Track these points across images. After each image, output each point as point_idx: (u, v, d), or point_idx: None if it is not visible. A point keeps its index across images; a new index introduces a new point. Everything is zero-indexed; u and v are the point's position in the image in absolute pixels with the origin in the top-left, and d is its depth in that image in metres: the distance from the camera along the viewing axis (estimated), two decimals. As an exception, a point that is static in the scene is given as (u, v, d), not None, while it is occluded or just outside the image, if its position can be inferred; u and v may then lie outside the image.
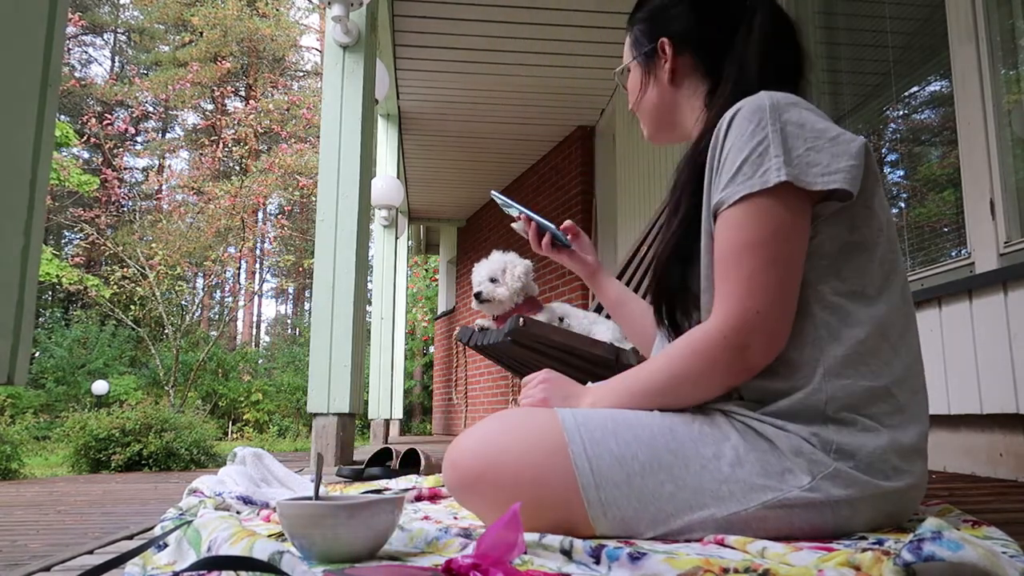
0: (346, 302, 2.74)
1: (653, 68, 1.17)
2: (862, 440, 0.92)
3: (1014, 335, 1.86)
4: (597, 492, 0.93)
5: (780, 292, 0.93)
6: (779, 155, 0.92)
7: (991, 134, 2.01)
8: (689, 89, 1.15)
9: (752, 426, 0.94)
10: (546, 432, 0.97)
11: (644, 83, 1.18)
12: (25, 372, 0.67)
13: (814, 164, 0.93)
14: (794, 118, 0.95)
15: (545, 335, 2.05)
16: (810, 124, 0.95)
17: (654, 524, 0.93)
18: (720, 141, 0.98)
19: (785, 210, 0.92)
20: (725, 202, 0.95)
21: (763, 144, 0.93)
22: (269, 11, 21.04)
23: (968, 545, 0.62)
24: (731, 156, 0.95)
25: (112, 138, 15.54)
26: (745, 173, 0.93)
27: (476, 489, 0.99)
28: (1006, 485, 1.78)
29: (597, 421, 0.97)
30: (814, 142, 0.93)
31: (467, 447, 1.01)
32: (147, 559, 0.95)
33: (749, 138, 0.94)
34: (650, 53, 1.16)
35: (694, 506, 0.91)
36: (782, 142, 0.93)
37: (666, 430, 0.95)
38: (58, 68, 0.73)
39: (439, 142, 6.65)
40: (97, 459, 7.57)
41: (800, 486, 0.90)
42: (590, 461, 0.94)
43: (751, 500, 0.91)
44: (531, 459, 0.96)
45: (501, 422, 1.04)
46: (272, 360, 19.28)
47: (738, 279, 0.93)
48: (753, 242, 0.93)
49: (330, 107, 2.90)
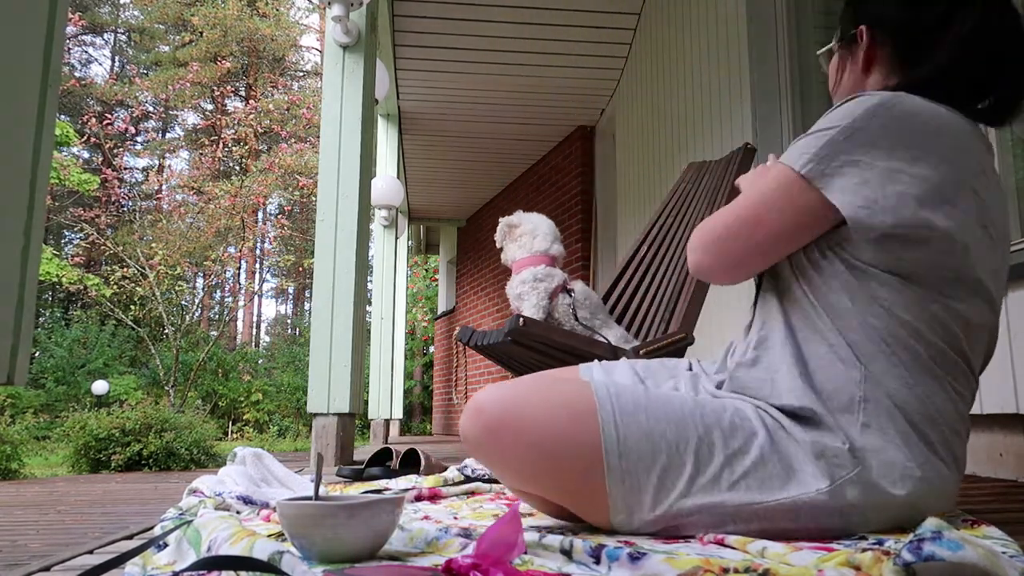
0: (346, 302, 2.74)
1: (851, 54, 1.14)
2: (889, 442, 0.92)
3: (1014, 335, 1.86)
4: (619, 460, 0.93)
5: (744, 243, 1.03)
6: (826, 149, 0.96)
7: (991, 134, 2.00)
8: (880, 80, 1.11)
9: (782, 423, 0.95)
10: (577, 395, 0.98)
11: (841, 68, 1.16)
12: (25, 372, 0.67)
13: (842, 176, 0.95)
14: (876, 127, 0.94)
15: (545, 335, 2.04)
16: (882, 146, 0.94)
17: (665, 503, 0.93)
18: (832, 109, 1.01)
19: (799, 193, 0.97)
20: (778, 159, 1.04)
21: (829, 131, 0.97)
22: (269, 11, 21.03)
23: (968, 545, 0.62)
24: (820, 122, 1.00)
25: (112, 138, 15.54)
26: (799, 145, 1.00)
27: (498, 437, 0.99)
28: (1006, 485, 1.78)
29: (630, 394, 0.98)
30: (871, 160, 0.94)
31: (495, 394, 1.01)
32: (147, 559, 0.95)
33: (830, 120, 0.98)
34: (851, 38, 1.14)
35: (709, 491, 0.92)
36: (841, 140, 0.95)
37: (697, 416, 0.96)
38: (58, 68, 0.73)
39: (439, 142, 6.65)
40: (97, 459, 7.56)
41: (818, 488, 0.91)
42: (618, 429, 0.94)
43: (766, 496, 0.91)
44: (559, 417, 0.97)
45: (533, 379, 1.05)
46: (272, 360, 19.27)
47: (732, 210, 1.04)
48: (758, 199, 1.01)
49: (330, 107, 2.90)
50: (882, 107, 0.95)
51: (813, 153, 0.96)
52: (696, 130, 3.77)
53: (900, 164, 0.93)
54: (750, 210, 1.02)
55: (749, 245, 1.02)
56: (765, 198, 1.00)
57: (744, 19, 3.27)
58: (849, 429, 0.93)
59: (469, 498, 1.57)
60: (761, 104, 3.13)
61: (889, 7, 1.09)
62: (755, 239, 1.01)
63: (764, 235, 1.00)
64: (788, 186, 0.98)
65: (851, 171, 0.94)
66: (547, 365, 2.26)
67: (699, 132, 3.72)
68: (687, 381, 1.15)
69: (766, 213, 1.00)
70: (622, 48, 4.95)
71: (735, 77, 3.33)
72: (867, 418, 0.93)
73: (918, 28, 1.05)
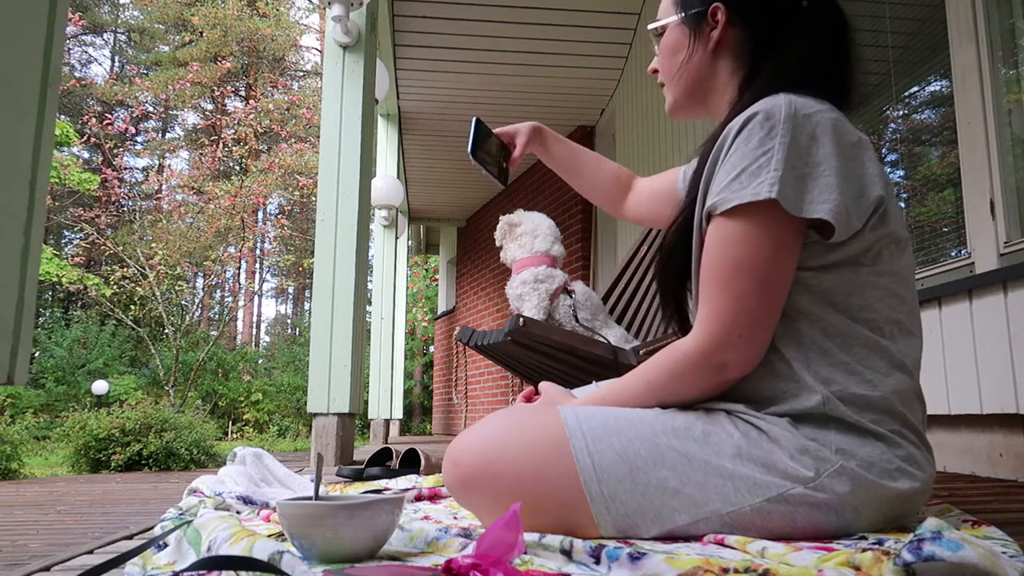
0: (346, 302, 2.74)
1: (699, 32, 1.08)
2: (863, 443, 0.92)
3: (1014, 335, 1.86)
4: (600, 487, 0.92)
5: (765, 315, 0.93)
6: (777, 170, 0.89)
7: (991, 134, 2.01)
8: (728, 66, 1.08)
9: (756, 424, 0.95)
10: (548, 429, 0.97)
11: (686, 46, 1.09)
12: (25, 372, 0.67)
13: (807, 187, 0.90)
14: (808, 131, 0.92)
15: (545, 335, 2.05)
16: (823, 146, 0.92)
17: (659, 521, 0.92)
18: (729, 141, 0.95)
19: (778, 229, 0.91)
20: (718, 207, 0.93)
21: (767, 155, 0.91)
22: (269, 11, 21.04)
23: (968, 545, 0.62)
24: (733, 159, 0.93)
25: (112, 138, 15.55)
26: (741, 182, 0.91)
27: (477, 487, 0.99)
28: (1006, 485, 1.78)
29: (599, 418, 0.97)
30: (816, 163, 0.91)
31: (468, 444, 1.01)
32: (147, 559, 0.95)
33: (757, 146, 0.91)
34: (700, 15, 1.07)
35: (699, 502, 0.91)
36: (785, 157, 0.90)
37: (668, 428, 0.95)
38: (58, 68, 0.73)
39: (439, 142, 6.65)
40: (97, 459, 7.57)
41: (804, 482, 0.90)
42: (592, 456, 0.93)
43: (756, 495, 0.91)
44: (533, 456, 0.96)
45: (502, 420, 1.03)
46: (272, 360, 19.28)
47: (726, 300, 0.93)
48: (745, 263, 0.92)
49: (330, 107, 2.90)
50: (792, 115, 0.92)
51: (769, 177, 0.89)
52: (696, 130, 3.77)
53: (838, 162, 0.92)
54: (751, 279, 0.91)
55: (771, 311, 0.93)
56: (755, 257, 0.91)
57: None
58: (825, 436, 0.93)
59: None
60: (761, 104, 3.12)
61: None
62: (771, 301, 0.93)
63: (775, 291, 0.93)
64: (766, 226, 0.91)
65: (810, 184, 0.90)
66: (547, 365, 2.26)
67: (699, 132, 3.72)
68: None
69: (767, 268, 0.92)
70: (622, 48, 4.95)
71: (735, 77, 3.33)
72: (839, 426, 0.93)
73: (776, 17, 1.03)
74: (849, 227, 0.92)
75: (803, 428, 0.93)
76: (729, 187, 0.92)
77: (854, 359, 0.94)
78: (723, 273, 0.93)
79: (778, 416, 0.95)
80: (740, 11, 1.06)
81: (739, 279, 0.92)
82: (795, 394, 0.95)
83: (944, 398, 2.08)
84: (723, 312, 0.93)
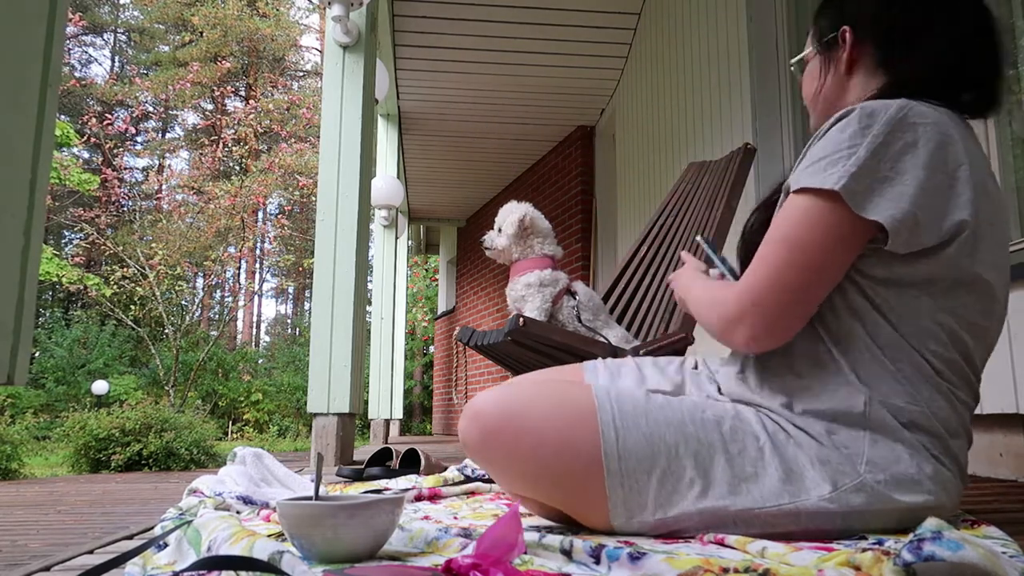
0: (346, 302, 2.74)
1: (832, 57, 1.10)
2: (897, 458, 0.91)
3: (1014, 335, 1.86)
4: (619, 463, 0.93)
5: (792, 297, 0.93)
6: (855, 166, 0.89)
7: (991, 134, 2.00)
8: (862, 81, 1.08)
9: (784, 427, 0.95)
10: (577, 397, 0.98)
11: (822, 73, 1.12)
12: (25, 372, 0.67)
13: (876, 192, 0.89)
14: (907, 139, 0.90)
15: (545, 335, 2.04)
16: (917, 158, 0.90)
17: (666, 505, 0.93)
18: (826, 128, 0.96)
19: (837, 221, 0.90)
20: (792, 185, 0.95)
21: (852, 149, 0.90)
22: (269, 11, 21.03)
23: (968, 545, 0.62)
24: (822, 144, 0.94)
25: (112, 138, 15.55)
26: (819, 167, 0.92)
27: (496, 442, 0.98)
28: (1006, 485, 1.78)
29: (630, 398, 0.98)
30: (899, 170, 0.89)
31: (494, 396, 1.01)
32: (147, 559, 0.95)
33: (847, 138, 0.91)
34: (831, 42, 1.10)
35: (711, 495, 0.92)
36: (869, 156, 0.89)
37: (698, 420, 0.96)
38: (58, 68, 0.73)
39: (439, 142, 6.65)
40: (97, 459, 7.56)
41: (820, 495, 0.90)
42: (617, 432, 0.94)
43: (768, 501, 0.91)
44: (558, 419, 0.97)
45: (531, 382, 1.05)
46: (272, 360, 19.28)
47: (766, 267, 0.94)
48: (794, 240, 0.93)
49: (330, 107, 2.90)
50: (898, 119, 0.91)
51: (842, 171, 0.89)
52: (696, 130, 3.77)
53: (927, 175, 0.90)
54: (790, 254, 0.92)
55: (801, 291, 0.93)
56: (802, 236, 0.92)
57: (744, 19, 3.27)
58: (856, 444, 0.92)
59: (469, 498, 1.57)
60: (761, 104, 3.13)
61: (870, 7, 1.07)
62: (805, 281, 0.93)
63: (813, 274, 0.92)
64: (823, 214, 0.91)
65: (885, 188, 0.89)
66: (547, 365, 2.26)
67: (699, 132, 3.72)
68: (691, 380, 1.15)
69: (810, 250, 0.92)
70: (622, 48, 4.95)
71: (735, 77, 3.33)
72: (875, 435, 0.92)
73: (900, 27, 1.04)
74: (912, 241, 0.90)
75: (838, 435, 0.93)
76: (807, 170, 0.93)
77: (901, 373, 0.93)
78: (775, 243, 0.95)
79: (816, 416, 0.94)
80: (864, 29, 1.07)
81: (785, 252, 0.93)
82: (838, 391, 0.94)
83: (944, 398, 2.08)
84: (758, 277, 0.95)
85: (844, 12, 1.09)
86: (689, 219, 2.30)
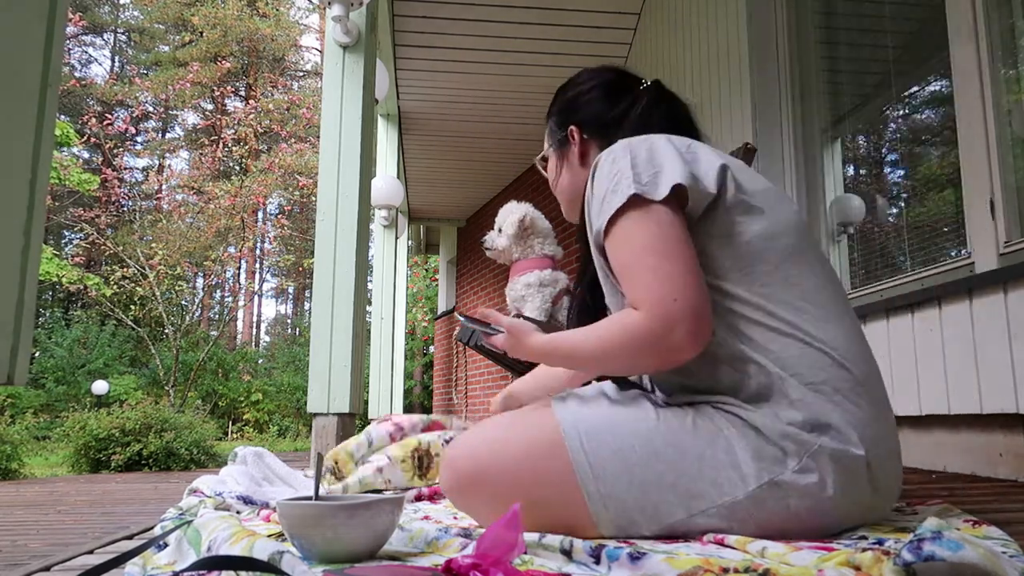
0: (346, 302, 2.74)
1: (566, 153, 1.27)
2: (823, 409, 0.93)
3: (1014, 335, 1.86)
4: (596, 484, 0.94)
5: (685, 279, 0.96)
6: (628, 177, 1.00)
7: (991, 134, 2.00)
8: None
9: (740, 415, 0.96)
10: (543, 431, 1.00)
11: (559, 168, 1.29)
12: (25, 372, 0.67)
13: (658, 177, 1.00)
14: (644, 148, 1.04)
15: (545, 335, 2.04)
16: (659, 149, 1.03)
17: (657, 517, 0.94)
18: (591, 185, 1.07)
19: (652, 217, 0.98)
20: (602, 230, 1.02)
21: (617, 174, 1.02)
22: (269, 11, 21.04)
23: (968, 545, 0.62)
24: (597, 192, 1.05)
25: (112, 138, 15.55)
26: (608, 201, 1.01)
27: (475, 490, 1.01)
28: (1006, 485, 1.78)
29: (593, 419, 0.99)
30: (658, 162, 1.02)
31: (465, 448, 1.04)
32: (147, 559, 0.95)
33: (607, 173, 1.03)
34: (563, 140, 1.27)
35: (695, 494, 0.93)
36: (631, 167, 1.01)
37: (661, 425, 0.97)
38: (58, 68, 0.73)
39: (439, 142, 6.65)
40: (97, 459, 7.56)
41: (791, 466, 0.92)
42: (587, 455, 0.95)
43: (748, 483, 0.92)
44: (529, 458, 0.98)
45: (497, 424, 1.06)
46: (272, 360, 19.29)
47: (644, 277, 0.97)
48: (642, 245, 0.98)
49: (330, 107, 2.90)
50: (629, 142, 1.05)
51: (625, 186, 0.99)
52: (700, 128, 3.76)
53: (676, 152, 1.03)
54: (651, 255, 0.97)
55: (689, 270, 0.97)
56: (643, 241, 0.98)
57: (744, 19, 3.27)
58: (792, 414, 0.94)
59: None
60: (761, 104, 3.13)
61: (589, 109, 1.25)
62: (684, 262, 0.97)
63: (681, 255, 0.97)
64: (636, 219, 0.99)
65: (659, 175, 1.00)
66: (547, 365, 2.25)
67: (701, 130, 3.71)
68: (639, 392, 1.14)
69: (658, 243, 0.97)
70: (622, 48, 4.95)
71: (735, 77, 3.33)
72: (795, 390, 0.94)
73: (611, 120, 1.22)
74: (702, 192, 1.00)
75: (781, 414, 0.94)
76: (600, 211, 1.03)
77: (779, 323, 0.97)
78: (632, 261, 0.99)
79: (760, 399, 0.96)
80: (589, 125, 1.24)
81: (645, 258, 0.98)
82: (749, 374, 0.96)
83: (944, 398, 2.08)
84: (648, 286, 0.97)
85: (570, 117, 1.27)
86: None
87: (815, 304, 0.99)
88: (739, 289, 0.99)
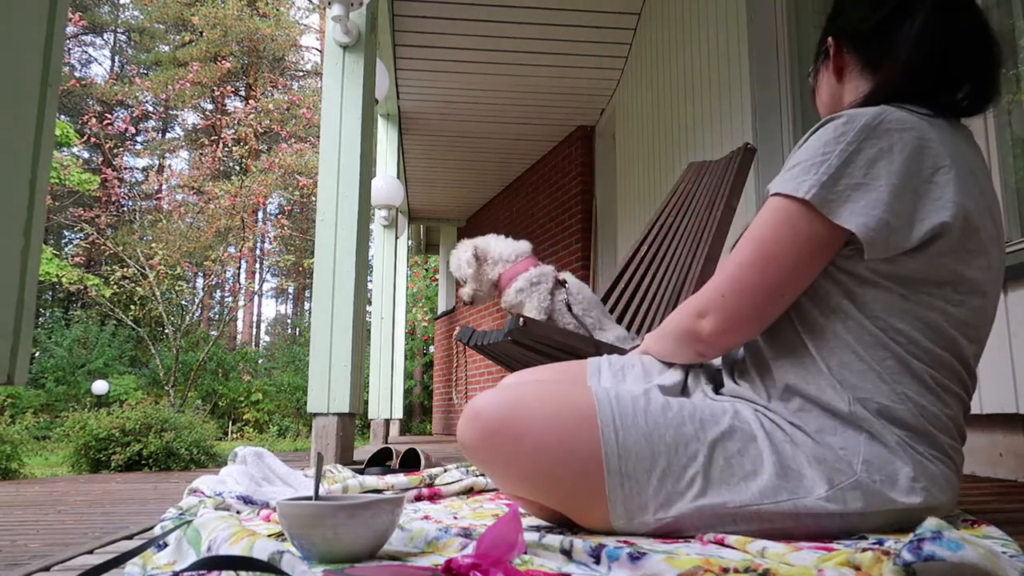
0: (346, 302, 2.74)
1: (827, 67, 1.15)
2: (891, 458, 0.92)
3: (1014, 335, 1.86)
4: (619, 463, 0.94)
5: (753, 290, 0.96)
6: (827, 173, 0.92)
7: (991, 134, 2.00)
8: (853, 87, 1.10)
9: (781, 425, 0.95)
10: (577, 399, 0.99)
11: (821, 82, 1.17)
12: (25, 372, 0.67)
13: (851, 197, 0.91)
14: (882, 146, 0.92)
15: (546, 335, 2.04)
16: (891, 164, 0.91)
17: (667, 505, 0.93)
18: (806, 137, 0.99)
19: (807, 227, 0.93)
20: (769, 190, 0.98)
21: (825, 156, 0.93)
22: (269, 11, 21.03)
23: (968, 545, 0.62)
24: (799, 153, 0.97)
25: (112, 138, 15.54)
26: (793, 173, 0.95)
27: (496, 443, 0.98)
28: (1006, 485, 1.78)
29: (629, 398, 0.99)
30: (872, 176, 0.91)
31: (494, 398, 1.01)
32: (147, 559, 0.95)
33: (822, 146, 0.94)
34: (823, 53, 1.15)
35: (710, 493, 0.92)
36: (841, 164, 0.92)
37: (696, 419, 0.97)
38: (58, 68, 0.73)
39: (439, 142, 6.65)
40: (97, 459, 7.56)
41: (817, 495, 0.91)
42: (617, 432, 0.95)
43: (766, 498, 0.92)
44: (558, 420, 0.97)
45: (531, 384, 1.06)
46: (272, 360, 19.28)
47: (734, 265, 0.98)
48: (759, 237, 0.97)
49: (330, 107, 2.90)
50: (872, 126, 0.93)
51: (814, 179, 0.92)
52: (696, 130, 3.77)
53: (901, 181, 0.91)
54: (756, 252, 0.96)
55: (763, 289, 0.96)
56: (769, 236, 0.95)
57: (744, 19, 3.27)
58: (851, 443, 0.93)
59: (469, 498, 1.57)
60: (761, 104, 3.13)
61: (847, 16, 1.11)
62: (768, 280, 0.95)
63: (776, 275, 0.95)
64: (792, 219, 0.94)
65: (857, 195, 0.91)
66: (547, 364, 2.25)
67: (699, 132, 3.72)
68: (692, 378, 1.15)
69: (776, 251, 0.95)
70: (622, 48, 4.95)
71: (735, 77, 3.33)
72: (867, 434, 0.93)
73: (871, 30, 1.05)
74: (889, 246, 0.91)
75: (833, 434, 0.93)
76: (783, 176, 0.97)
77: (887, 372, 0.94)
78: (747, 241, 0.99)
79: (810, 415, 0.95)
80: (843, 35, 1.10)
81: (748, 248, 0.97)
82: (825, 391, 0.95)
83: (944, 398, 2.08)
84: (724, 271, 0.99)
85: (831, 23, 1.14)
86: (689, 219, 2.30)
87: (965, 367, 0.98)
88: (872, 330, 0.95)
